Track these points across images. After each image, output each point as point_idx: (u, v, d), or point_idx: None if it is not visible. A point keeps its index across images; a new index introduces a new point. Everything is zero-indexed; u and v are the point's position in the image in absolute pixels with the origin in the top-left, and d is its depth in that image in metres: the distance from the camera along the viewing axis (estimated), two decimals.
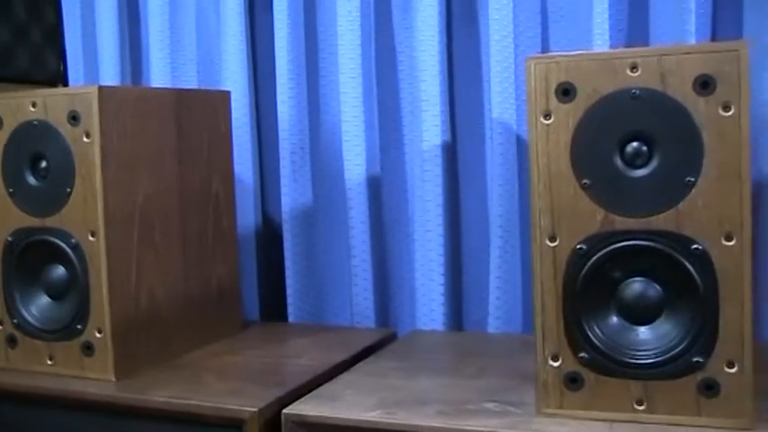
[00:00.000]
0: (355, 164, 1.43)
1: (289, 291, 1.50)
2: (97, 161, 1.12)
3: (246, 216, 1.52)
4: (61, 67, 1.65)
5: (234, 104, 1.47)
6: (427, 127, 1.38)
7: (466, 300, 1.45)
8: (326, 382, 1.11)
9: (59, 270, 1.19)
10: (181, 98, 1.26)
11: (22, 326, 1.20)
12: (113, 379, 1.14)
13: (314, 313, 1.52)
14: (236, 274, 1.39)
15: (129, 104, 1.17)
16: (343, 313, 1.50)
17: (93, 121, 1.12)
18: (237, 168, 1.49)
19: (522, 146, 1.34)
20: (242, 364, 1.22)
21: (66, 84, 1.67)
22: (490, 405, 0.99)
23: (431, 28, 1.37)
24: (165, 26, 1.56)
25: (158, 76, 1.56)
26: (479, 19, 1.39)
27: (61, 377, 1.17)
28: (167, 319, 1.24)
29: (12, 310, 1.21)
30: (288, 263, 1.49)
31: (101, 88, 1.12)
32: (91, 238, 1.14)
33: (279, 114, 1.48)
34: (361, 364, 1.19)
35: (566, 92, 0.91)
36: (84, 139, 1.13)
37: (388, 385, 1.09)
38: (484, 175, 1.41)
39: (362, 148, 1.43)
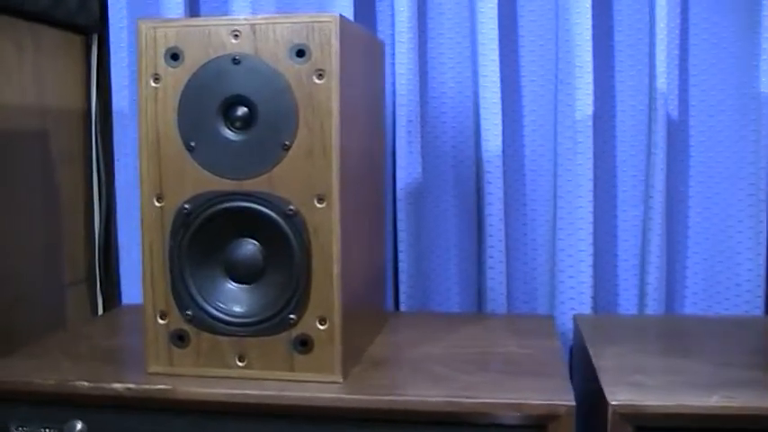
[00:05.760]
0: (494, 134, 1.29)
1: (402, 277, 1.32)
2: (335, 107, 0.90)
3: None
4: (100, 13, 1.35)
5: None
6: (580, 96, 1.27)
7: (600, 281, 1.35)
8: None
9: (251, 247, 0.94)
10: (369, 41, 1.06)
11: (200, 319, 0.93)
12: (340, 380, 0.92)
13: (422, 301, 1.35)
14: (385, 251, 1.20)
15: (355, 42, 0.96)
16: (452, 301, 1.36)
17: (330, 57, 0.89)
18: None
19: (683, 119, 1.29)
20: (453, 355, 1.04)
21: (103, 29, 1.37)
22: None
23: None
24: None
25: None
26: None
27: (260, 381, 0.92)
28: (364, 305, 1.03)
29: (183, 300, 0.93)
30: (402, 246, 1.31)
31: (341, 18, 0.90)
32: (318, 205, 0.91)
33: (396, 77, 1.30)
34: (599, 350, 1.05)
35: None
36: (315, 80, 0.90)
37: (667, 368, 0.97)
38: (612, 150, 1.34)
39: (499, 119, 1.29)
